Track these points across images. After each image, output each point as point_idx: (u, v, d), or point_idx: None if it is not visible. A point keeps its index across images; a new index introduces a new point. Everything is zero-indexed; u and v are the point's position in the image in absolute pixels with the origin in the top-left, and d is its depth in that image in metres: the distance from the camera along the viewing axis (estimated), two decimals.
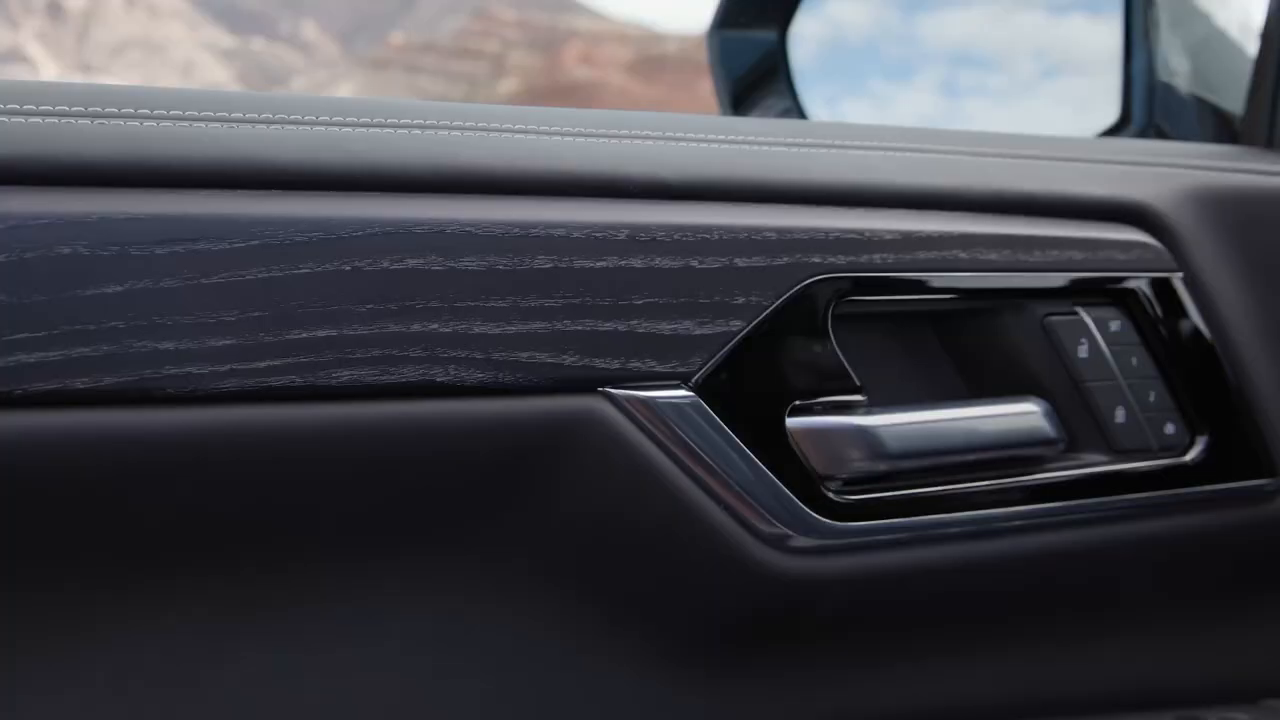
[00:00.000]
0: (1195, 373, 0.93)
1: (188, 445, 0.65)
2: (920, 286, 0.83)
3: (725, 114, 1.54)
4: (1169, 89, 1.34)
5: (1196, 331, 0.93)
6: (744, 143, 0.82)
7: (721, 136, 0.82)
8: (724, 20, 1.56)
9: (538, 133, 0.76)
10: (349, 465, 0.68)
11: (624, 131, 0.79)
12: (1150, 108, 1.32)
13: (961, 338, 0.89)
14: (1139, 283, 0.91)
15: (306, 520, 0.70)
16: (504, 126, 0.75)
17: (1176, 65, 1.35)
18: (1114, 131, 1.35)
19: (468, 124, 0.74)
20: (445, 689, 0.76)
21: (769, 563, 0.77)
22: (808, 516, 0.78)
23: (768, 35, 1.54)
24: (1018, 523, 0.86)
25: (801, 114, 1.54)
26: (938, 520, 0.83)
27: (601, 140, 0.77)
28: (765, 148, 0.82)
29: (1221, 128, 1.29)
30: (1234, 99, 1.23)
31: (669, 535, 0.76)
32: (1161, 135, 1.32)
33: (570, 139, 0.76)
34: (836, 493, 0.79)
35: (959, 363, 0.90)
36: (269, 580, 0.71)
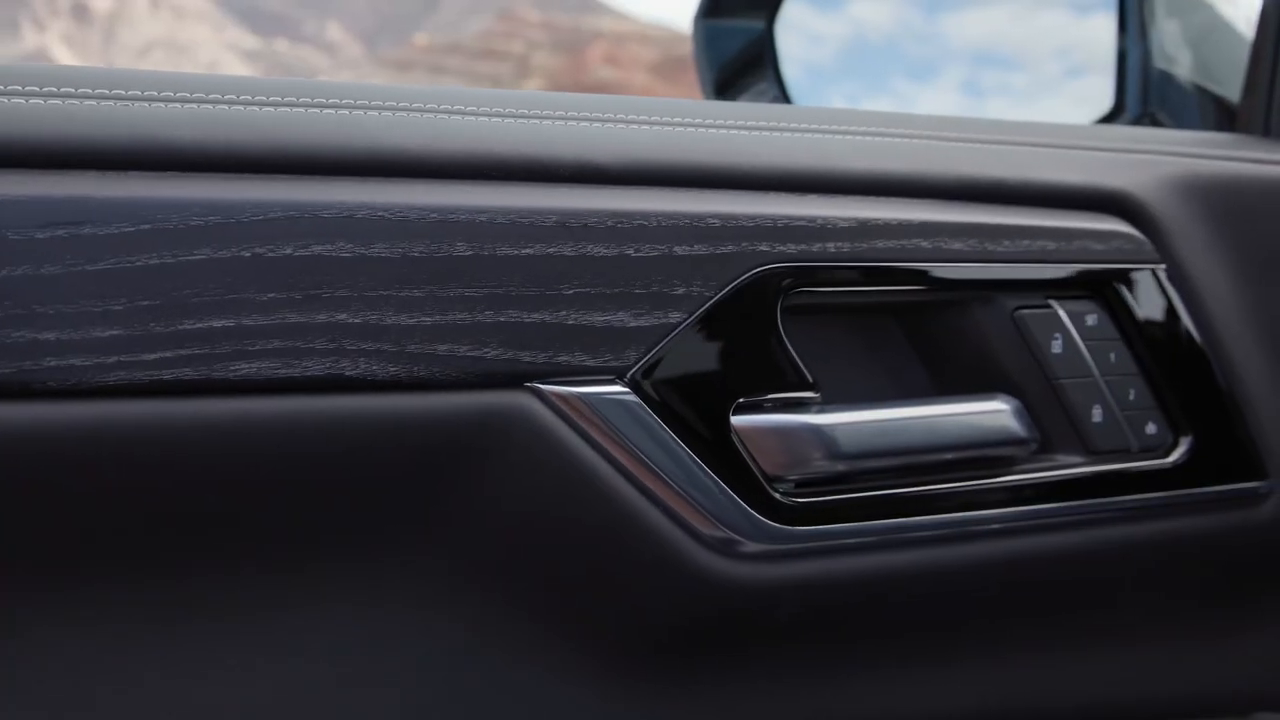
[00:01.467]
0: (1179, 370, 0.88)
1: (70, 441, 0.60)
2: (878, 277, 0.79)
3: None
4: (1167, 77, 1.30)
5: (1181, 326, 0.88)
6: (687, 125, 0.77)
7: (662, 119, 0.77)
8: (710, 8, 1.53)
9: (460, 113, 0.71)
10: (249, 463, 0.64)
11: (555, 113, 0.74)
12: (1145, 96, 1.27)
13: (928, 332, 0.85)
14: (1118, 275, 0.86)
15: (204, 524, 0.65)
16: (424, 107, 0.71)
17: (1175, 53, 1.31)
18: (1108, 121, 1.31)
19: (385, 104, 0.70)
20: (361, 702, 0.71)
21: (714, 569, 0.73)
22: (755, 520, 0.73)
23: (754, 24, 1.50)
24: (987, 527, 0.81)
25: (788, 103, 1.50)
26: (899, 524, 0.78)
27: (530, 121, 0.73)
28: (710, 130, 0.78)
29: (1224, 118, 1.24)
30: (1237, 88, 1.18)
31: (605, 540, 0.71)
32: (1157, 125, 1.27)
33: (495, 120, 0.72)
34: (787, 495, 0.75)
35: (926, 359, 0.85)
36: (162, 588, 0.66)
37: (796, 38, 1.60)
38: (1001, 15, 1.69)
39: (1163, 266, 0.88)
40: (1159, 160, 0.92)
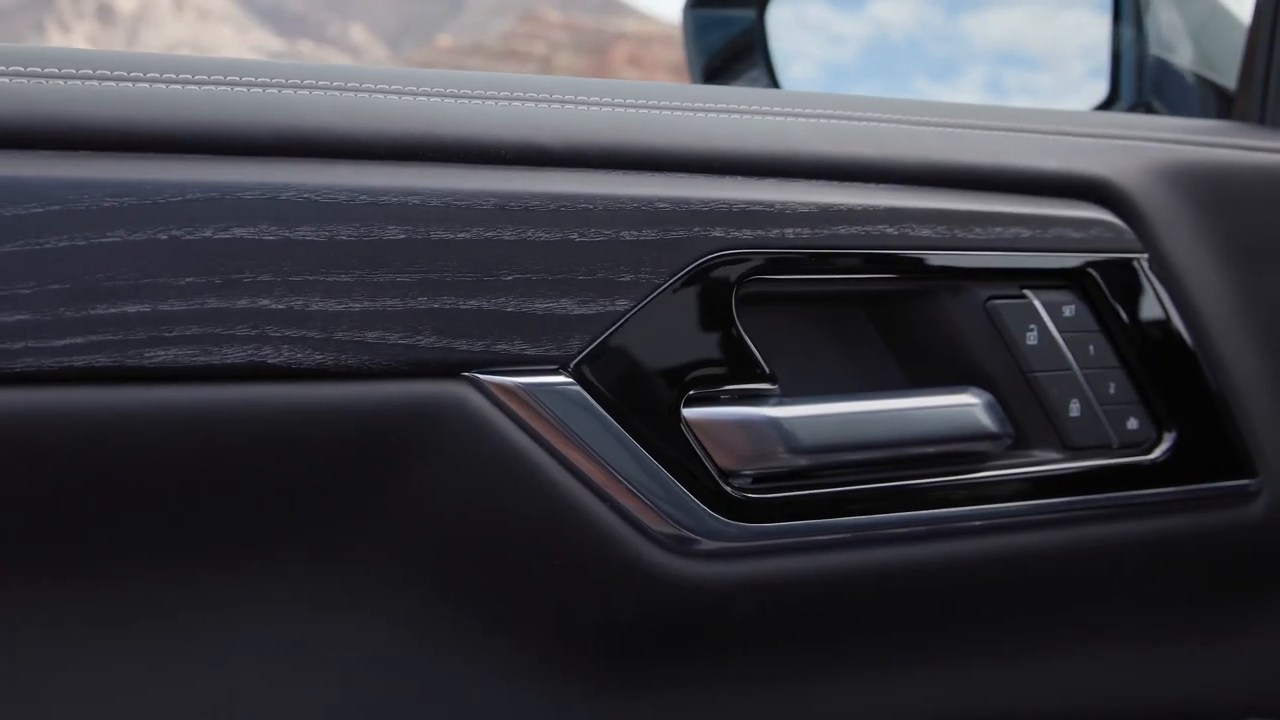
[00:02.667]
0: (1162, 363, 0.85)
1: None
2: (840, 265, 0.75)
3: None
4: (1163, 65, 1.26)
5: (1164, 318, 0.85)
6: (637, 107, 0.74)
7: (612, 100, 0.74)
8: None
9: (397, 93, 0.68)
10: (166, 455, 0.61)
11: (499, 93, 0.71)
12: (1140, 83, 1.24)
13: (897, 323, 0.81)
14: (1097, 264, 0.83)
15: (119, 519, 0.62)
16: (358, 86, 0.68)
17: (1173, 40, 1.28)
18: (1103, 110, 1.27)
19: (315, 83, 0.67)
20: (297, 703, 0.68)
21: (665, 566, 0.70)
22: (708, 516, 0.70)
23: (744, 13, 1.48)
24: (959, 525, 0.78)
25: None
26: (864, 522, 0.75)
27: (470, 102, 0.70)
28: (662, 112, 0.75)
29: (1223, 106, 1.21)
30: (1235, 76, 1.15)
31: (548, 536, 0.68)
32: (1152, 113, 1.24)
33: (434, 100, 0.69)
34: (744, 491, 0.72)
35: (896, 350, 0.82)
36: (77, 590, 0.63)
37: (816, 38, 1.58)
38: (1024, 15, 1.68)
39: (1145, 256, 0.85)
40: (1143, 146, 0.89)
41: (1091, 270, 0.83)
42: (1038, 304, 0.81)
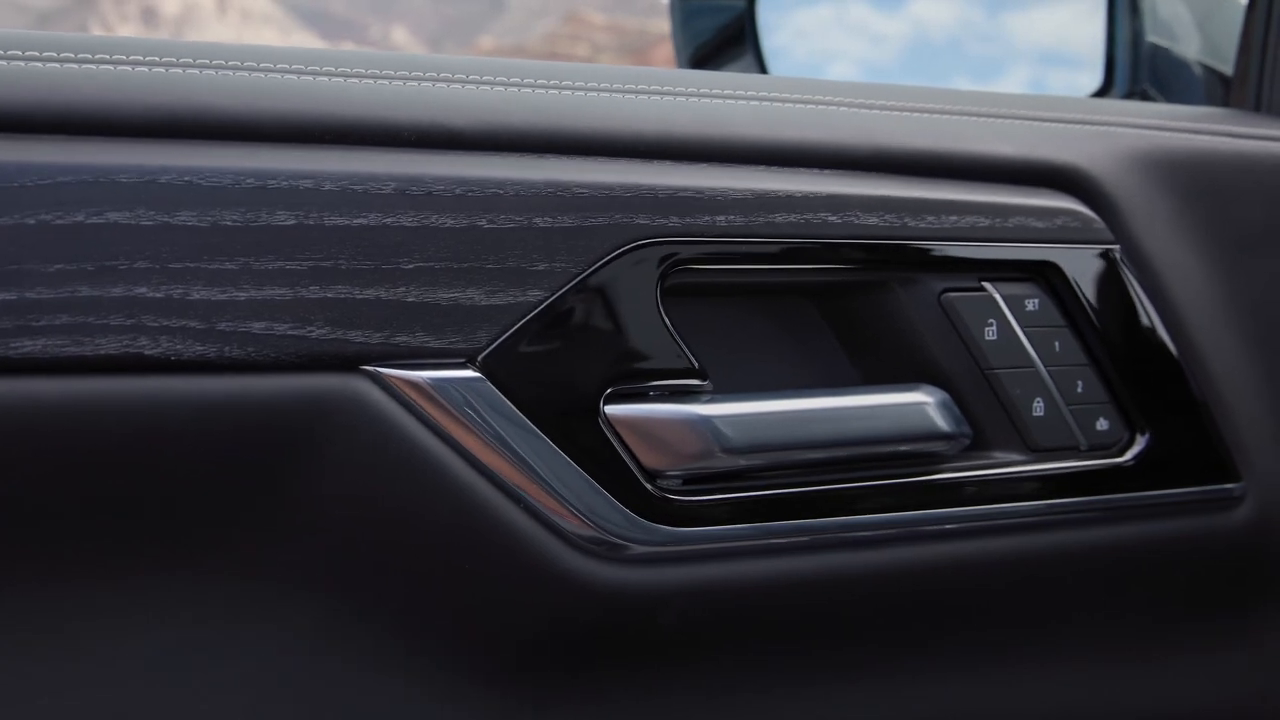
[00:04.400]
0: (1135, 360, 0.80)
1: None
2: (778, 255, 0.71)
3: None
4: (1164, 52, 1.22)
5: (1138, 313, 0.80)
6: (560, 89, 0.70)
7: (533, 81, 0.70)
8: None
9: (291, 72, 0.65)
10: (33, 450, 0.57)
11: (409, 74, 0.67)
12: (1136, 71, 1.20)
13: (847, 317, 0.77)
14: (1065, 256, 0.78)
15: None
16: (254, 65, 0.64)
17: (1176, 28, 1.23)
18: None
19: (203, 61, 0.63)
20: (191, 717, 0.64)
21: (583, 572, 0.66)
22: (631, 519, 0.66)
23: (733, 1, 1.44)
24: (908, 530, 0.74)
25: None
26: (805, 525, 0.71)
27: (376, 82, 0.66)
28: (586, 94, 0.71)
29: (1228, 95, 1.16)
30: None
31: (457, 539, 0.64)
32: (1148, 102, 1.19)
33: (333, 80, 0.65)
34: (672, 493, 0.68)
35: (847, 346, 0.77)
36: None
37: (856, 38, 1.55)
38: (1068, 14, 1.64)
39: (1117, 247, 0.80)
40: (1118, 133, 0.84)
41: (1058, 262, 0.78)
42: (997, 297, 0.77)
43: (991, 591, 0.79)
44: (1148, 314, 0.81)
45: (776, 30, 1.44)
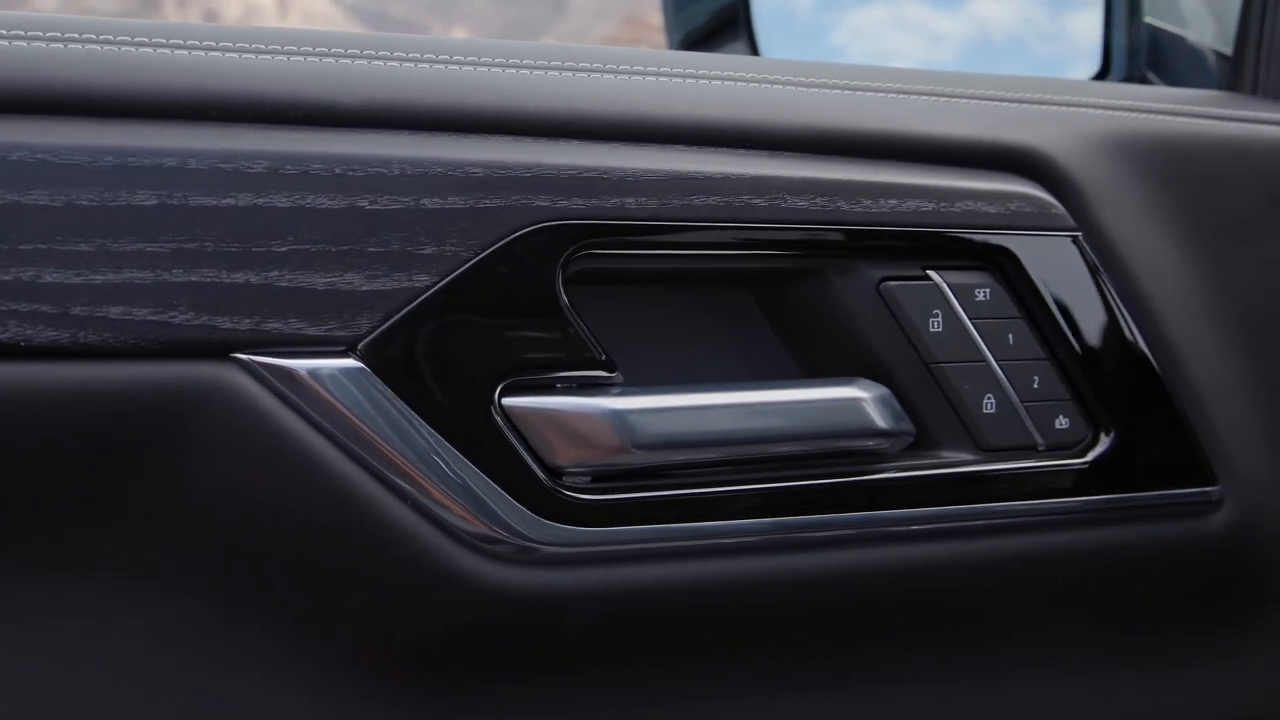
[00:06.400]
0: (1099, 355, 0.75)
1: None
2: (696, 240, 0.67)
3: None
4: (1169, 36, 1.17)
5: (1101, 304, 0.76)
6: (455, 64, 0.66)
7: (431, 57, 0.66)
8: None
9: (160, 46, 0.61)
10: None
11: (296, 49, 0.64)
12: (1134, 55, 1.14)
13: (783, 307, 0.73)
14: (1019, 243, 0.74)
15: None
16: (110, 39, 0.61)
17: (1180, 10, 1.18)
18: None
19: (57, 35, 0.60)
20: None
21: (475, 572, 0.62)
22: (526, 517, 0.63)
23: None
24: (841, 533, 0.69)
25: None
26: (723, 528, 0.67)
27: (258, 58, 0.62)
28: (483, 70, 0.67)
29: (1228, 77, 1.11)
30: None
31: (336, 535, 0.61)
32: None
33: (208, 55, 0.61)
34: (577, 491, 0.64)
35: (785, 338, 0.73)
36: None
37: (915, 37, 1.51)
38: None
39: (1079, 234, 0.75)
40: (1084, 114, 0.79)
41: (1012, 249, 0.73)
42: (943, 286, 0.72)
43: (939, 598, 0.74)
44: (1113, 305, 0.76)
45: (770, 17, 1.39)
